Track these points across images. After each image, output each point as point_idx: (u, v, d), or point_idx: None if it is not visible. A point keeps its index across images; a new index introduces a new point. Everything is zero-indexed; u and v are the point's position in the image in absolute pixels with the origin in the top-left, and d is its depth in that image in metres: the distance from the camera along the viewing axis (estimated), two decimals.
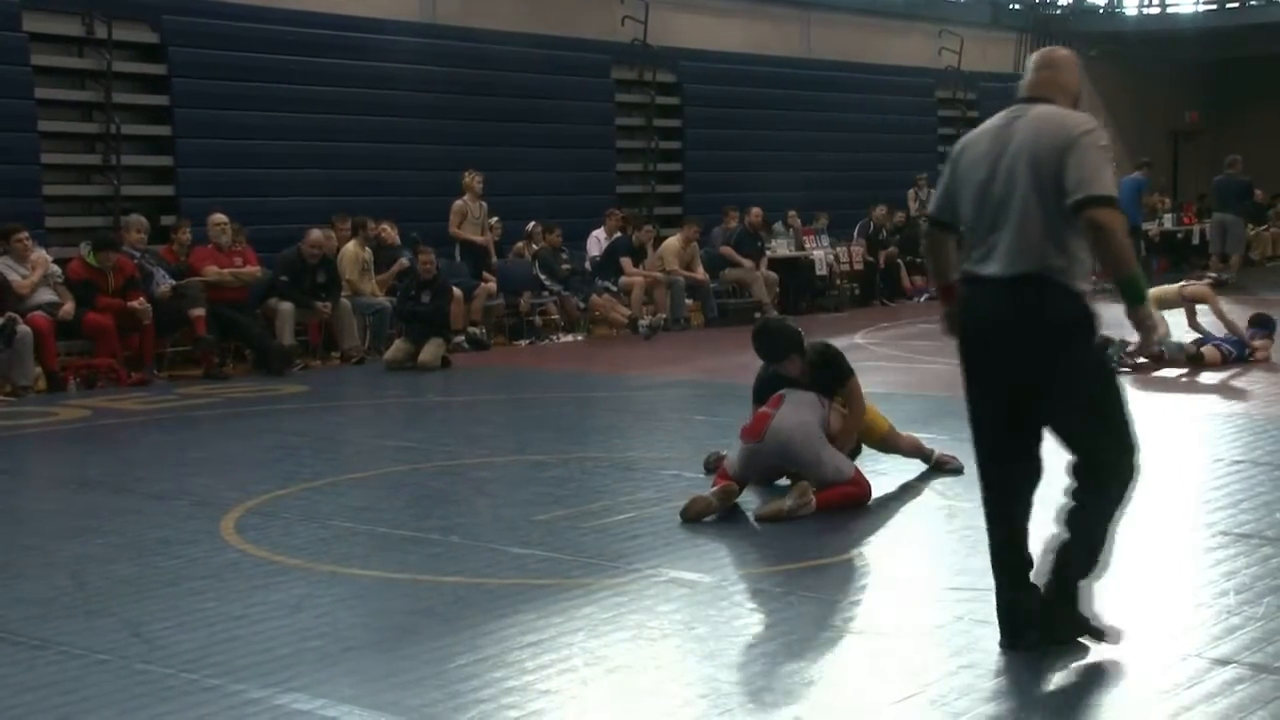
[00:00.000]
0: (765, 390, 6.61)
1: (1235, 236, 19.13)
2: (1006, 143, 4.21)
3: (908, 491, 6.69)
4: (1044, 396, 4.22)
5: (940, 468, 6.96)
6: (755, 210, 16.37)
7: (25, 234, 10.83)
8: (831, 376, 6.60)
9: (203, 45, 13.47)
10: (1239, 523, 5.91)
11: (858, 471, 6.36)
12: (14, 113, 12.14)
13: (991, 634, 4.46)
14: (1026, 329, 4.14)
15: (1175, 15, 25.63)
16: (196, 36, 13.47)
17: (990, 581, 5.13)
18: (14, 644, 4.49)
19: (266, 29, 13.95)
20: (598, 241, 15.42)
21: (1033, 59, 4.46)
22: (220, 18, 13.69)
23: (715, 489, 6.15)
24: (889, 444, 6.98)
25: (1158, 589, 5.07)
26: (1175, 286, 12.14)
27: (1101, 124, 4.19)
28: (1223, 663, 4.16)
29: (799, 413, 6.29)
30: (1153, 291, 11.62)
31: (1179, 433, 8.43)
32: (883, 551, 5.77)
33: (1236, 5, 24.95)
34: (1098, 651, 4.31)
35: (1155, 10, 25.96)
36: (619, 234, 15.36)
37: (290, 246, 12.17)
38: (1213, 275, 12.36)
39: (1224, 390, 10.08)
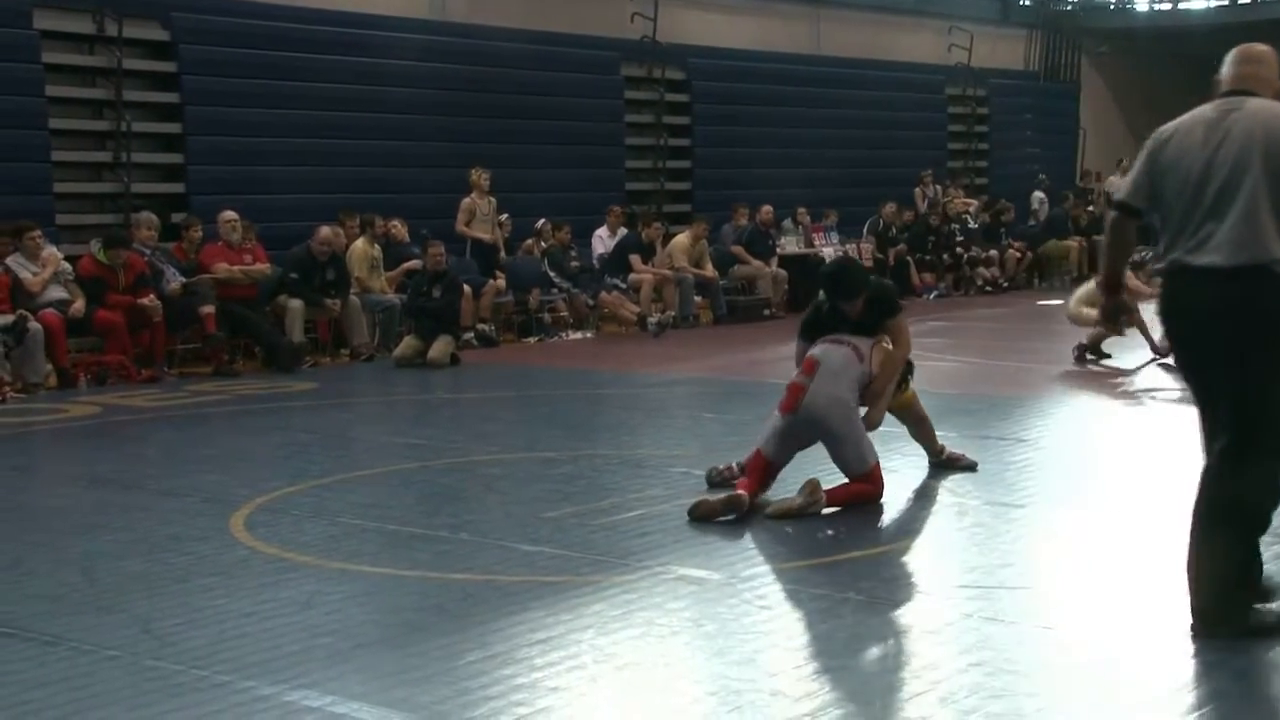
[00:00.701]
0: (815, 327, 6.56)
1: None
2: (1225, 134, 4.25)
3: (918, 489, 6.68)
4: (1239, 380, 4.25)
5: (952, 465, 6.94)
6: (766, 208, 16.36)
7: (37, 232, 10.87)
8: (881, 312, 6.57)
9: (213, 43, 13.49)
10: None
11: (877, 467, 6.30)
12: (25, 110, 12.17)
13: (1001, 631, 4.45)
14: (1244, 319, 4.19)
15: (1186, 11, 25.53)
16: (206, 34, 13.48)
17: (999, 579, 5.14)
18: (25, 640, 4.51)
19: (276, 26, 13.97)
20: (601, 240, 15.42)
21: (1232, 54, 4.50)
22: (230, 15, 13.71)
23: (723, 496, 6.11)
24: (911, 414, 6.91)
25: (1169, 586, 5.05)
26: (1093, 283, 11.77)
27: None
28: (1234, 659, 4.15)
29: (834, 385, 6.25)
30: (1082, 292, 11.59)
31: (1190, 429, 8.41)
32: (893, 549, 5.76)
33: (1248, 1, 24.86)
34: (1108, 648, 4.30)
35: (1166, 6, 25.88)
36: (626, 231, 15.35)
37: (299, 244, 12.19)
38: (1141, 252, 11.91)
39: None
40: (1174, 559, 5.46)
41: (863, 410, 6.45)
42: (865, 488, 6.25)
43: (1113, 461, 7.58)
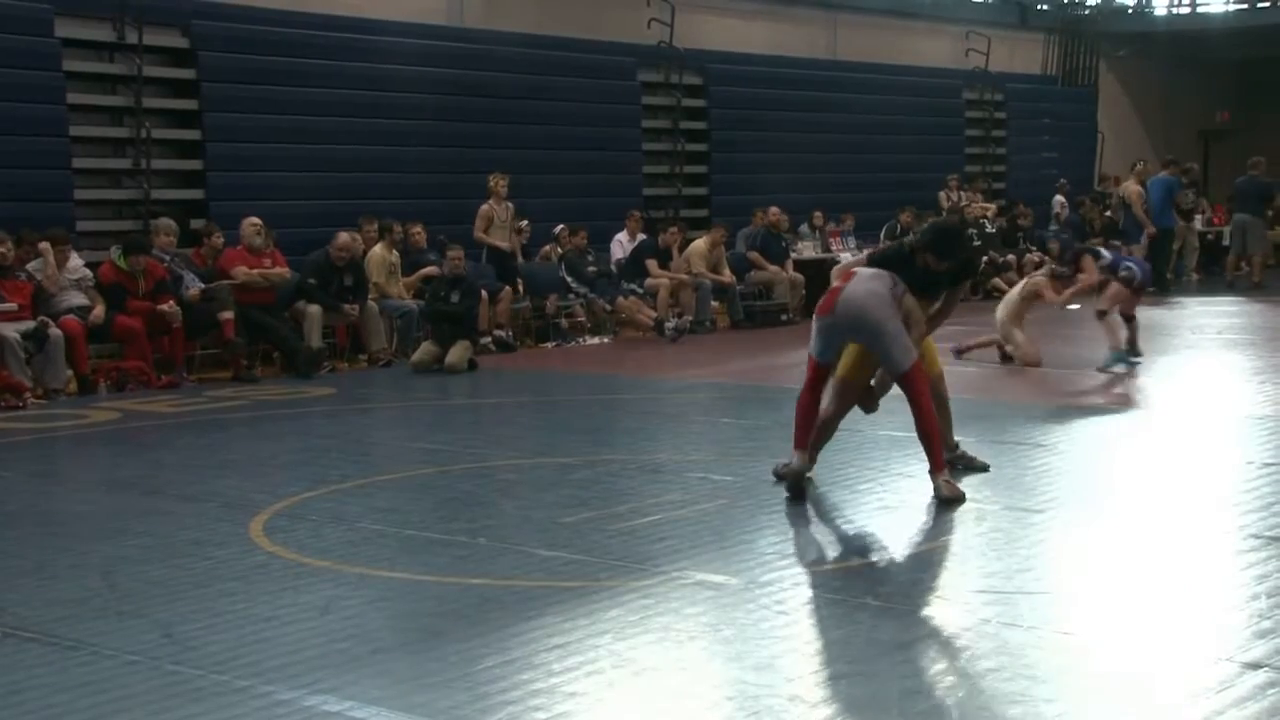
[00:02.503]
0: (887, 262, 6.64)
1: (1255, 237, 19.07)
2: None
3: (934, 494, 6.65)
4: None
5: (965, 465, 6.92)
6: (774, 210, 16.32)
7: (66, 244, 11.00)
8: (954, 279, 6.70)
9: (232, 50, 13.56)
10: (1270, 525, 5.86)
11: (918, 364, 6.41)
12: (46, 117, 12.25)
13: (1019, 637, 4.45)
14: None
15: (1205, 15, 25.44)
16: (226, 41, 13.56)
17: (1017, 585, 5.12)
18: (47, 645, 4.54)
19: (295, 33, 14.03)
20: (620, 245, 15.44)
21: None
22: (249, 22, 13.78)
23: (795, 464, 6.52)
24: (935, 391, 6.91)
25: (1188, 592, 5.04)
26: (1015, 292, 11.84)
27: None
28: (1254, 666, 4.14)
29: (868, 284, 6.44)
30: (1003, 312, 11.47)
31: (1209, 435, 8.38)
32: (911, 554, 5.75)
33: (1268, 4, 24.74)
34: (1126, 655, 4.29)
35: (1185, 10, 25.78)
36: (644, 236, 15.37)
37: (318, 249, 12.24)
38: (1051, 267, 12.21)
39: (1254, 393, 10.01)
40: (1192, 564, 5.45)
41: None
42: (924, 408, 6.35)
43: (1131, 467, 7.55)
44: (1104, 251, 11.38)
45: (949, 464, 6.86)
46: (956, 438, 7.09)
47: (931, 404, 6.45)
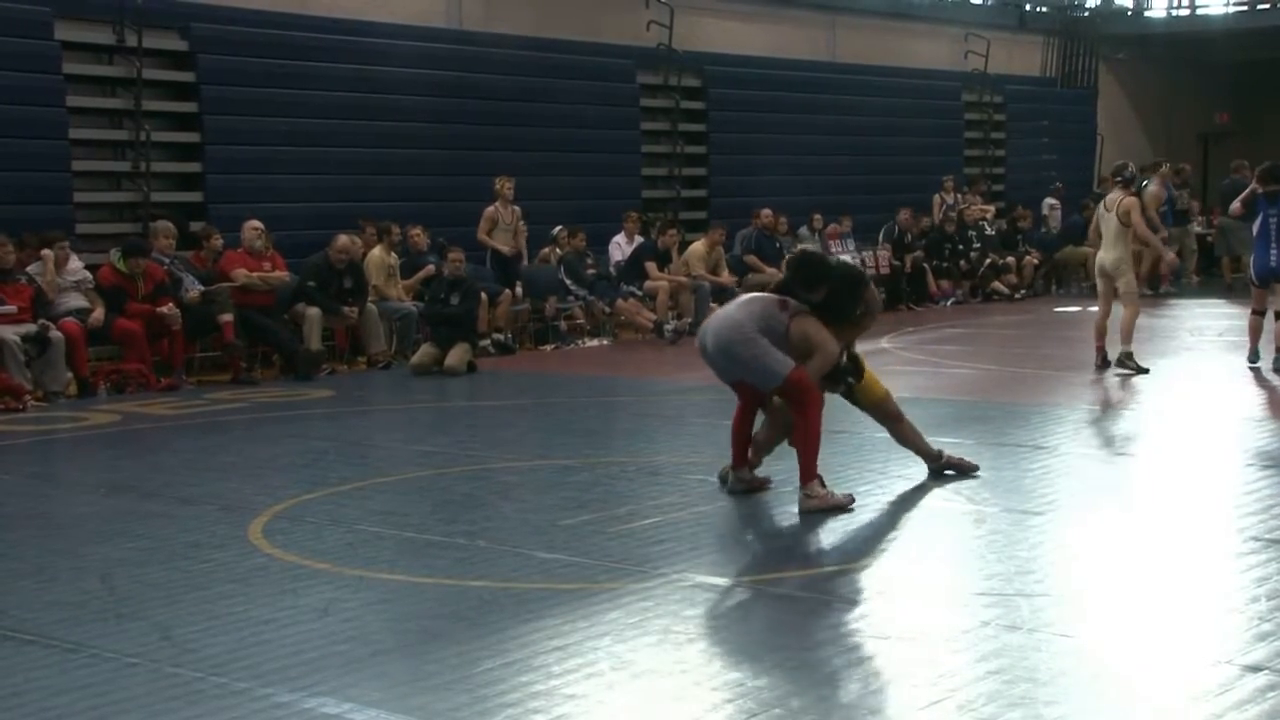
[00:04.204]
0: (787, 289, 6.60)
1: (1239, 239, 19.08)
2: None
3: (934, 496, 6.66)
4: None
5: (957, 470, 6.92)
6: (765, 212, 16.34)
7: (65, 243, 11.00)
8: (840, 306, 6.52)
9: (231, 52, 13.56)
10: (1270, 528, 5.86)
11: (796, 372, 6.18)
12: (46, 120, 12.25)
13: (1019, 639, 4.45)
14: None
15: (1204, 17, 25.44)
16: (225, 44, 13.56)
17: (1017, 587, 5.12)
18: (46, 647, 4.53)
19: (294, 36, 14.04)
20: (619, 246, 15.43)
21: None
22: (249, 25, 13.77)
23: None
24: (885, 413, 6.88)
25: (1189, 594, 5.04)
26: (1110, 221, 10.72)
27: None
28: (1254, 669, 4.14)
29: (731, 312, 6.48)
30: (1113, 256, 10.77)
31: (1210, 436, 8.38)
32: (910, 556, 5.75)
33: (1267, 6, 24.75)
34: (1127, 657, 4.29)
35: (1184, 12, 25.78)
36: (642, 238, 15.37)
37: (317, 252, 12.24)
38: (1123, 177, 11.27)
39: (1255, 393, 10.01)
40: (1192, 567, 5.45)
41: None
42: (807, 418, 6.19)
43: (1131, 469, 7.56)
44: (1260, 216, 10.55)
45: (935, 472, 6.88)
46: (945, 441, 7.08)
47: (817, 415, 6.22)
